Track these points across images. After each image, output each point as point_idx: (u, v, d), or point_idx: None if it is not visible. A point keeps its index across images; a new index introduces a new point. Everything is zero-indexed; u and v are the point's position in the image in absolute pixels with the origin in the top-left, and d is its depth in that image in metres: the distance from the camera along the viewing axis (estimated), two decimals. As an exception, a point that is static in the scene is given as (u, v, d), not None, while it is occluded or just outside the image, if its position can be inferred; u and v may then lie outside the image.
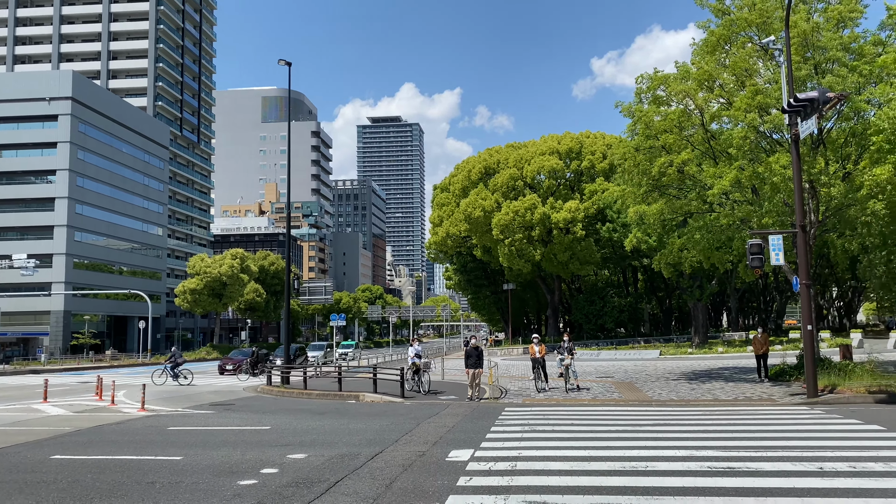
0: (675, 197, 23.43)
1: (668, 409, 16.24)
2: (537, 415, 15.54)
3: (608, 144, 57.27)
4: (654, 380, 24.47)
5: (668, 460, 9.59)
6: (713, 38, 21.50)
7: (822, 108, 16.12)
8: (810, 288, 17.84)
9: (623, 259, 57.22)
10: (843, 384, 17.57)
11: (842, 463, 9.04)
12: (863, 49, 19.62)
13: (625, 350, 47.36)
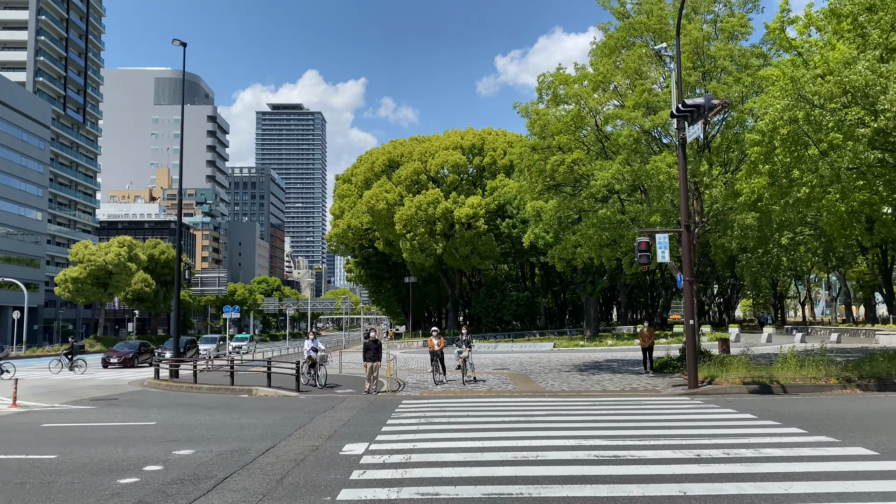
0: (570, 195, 24.16)
1: (559, 400, 16.74)
2: (434, 407, 15.64)
3: (509, 142, 58.37)
4: (547, 371, 25.17)
5: (558, 449, 9.87)
6: (612, 41, 22.29)
7: (708, 114, 17.02)
8: (693, 285, 18.84)
9: (522, 254, 58.50)
10: (721, 376, 18.67)
11: (717, 450, 9.60)
12: (748, 61, 20.89)
13: (521, 342, 48.49)
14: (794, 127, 16.41)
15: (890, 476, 7.89)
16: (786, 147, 17.25)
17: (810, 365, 18.56)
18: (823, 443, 10.05)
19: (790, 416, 12.73)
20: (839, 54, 15.49)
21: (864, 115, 15.41)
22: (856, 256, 52.03)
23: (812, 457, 9.07)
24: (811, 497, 7.06)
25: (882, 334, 38.30)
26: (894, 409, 13.53)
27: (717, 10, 22.23)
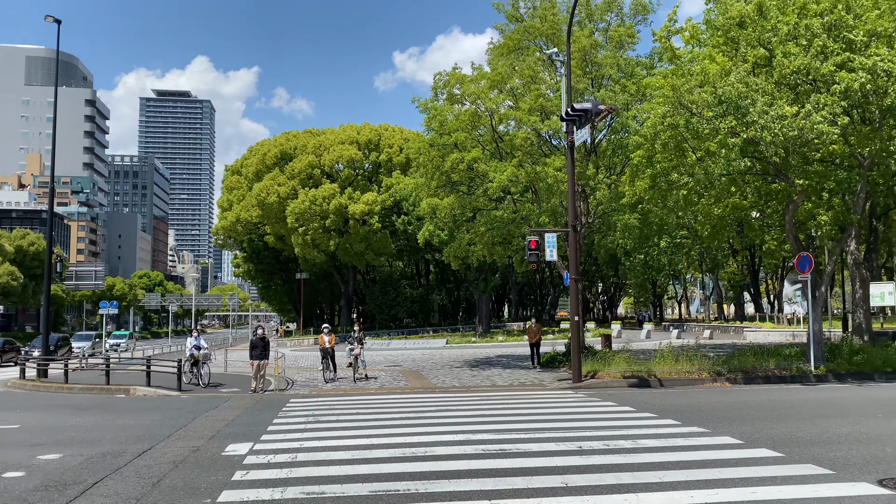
0: (466, 193, 24.45)
1: (450, 396, 16.88)
2: (323, 405, 15.38)
3: (406, 138, 58.35)
4: (439, 368, 25.36)
5: (446, 444, 9.93)
6: (507, 43, 22.72)
7: (595, 119, 17.67)
8: (578, 283, 19.52)
9: (417, 251, 58.70)
10: (603, 370, 19.44)
11: (598, 442, 9.95)
12: (633, 70, 21.87)
13: (414, 339, 48.67)
14: (674, 133, 17.30)
15: (752, 463, 8.44)
16: (666, 152, 18.18)
17: (685, 360, 19.64)
18: (695, 433, 10.63)
19: (666, 409, 13.41)
20: (716, 66, 16.47)
21: (737, 124, 16.46)
22: (727, 258, 55.74)
23: (685, 446, 9.57)
24: (682, 485, 7.43)
25: (749, 331, 41.15)
26: (758, 401, 14.53)
27: (610, 18, 23.13)
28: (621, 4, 22.78)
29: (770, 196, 21.18)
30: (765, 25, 16.94)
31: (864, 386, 17.18)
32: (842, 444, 9.44)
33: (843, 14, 16.03)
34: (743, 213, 23.08)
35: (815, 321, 19.58)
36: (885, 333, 31.55)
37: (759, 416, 12.24)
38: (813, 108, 15.51)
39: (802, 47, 16.18)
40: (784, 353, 21.28)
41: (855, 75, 15.33)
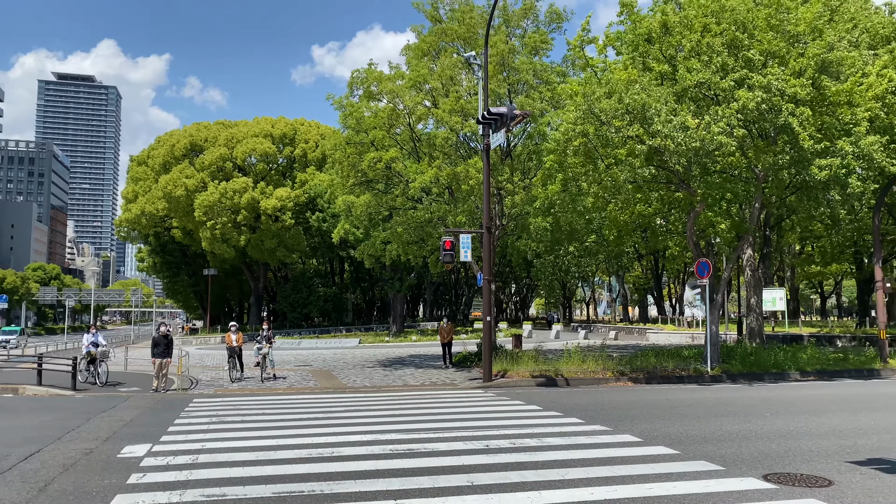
0: (383, 192, 24.35)
1: (360, 396, 16.76)
2: (228, 405, 14.95)
3: (322, 134, 57.56)
4: (351, 367, 25.14)
5: (354, 445, 9.85)
6: (425, 44, 22.78)
7: (510, 124, 17.96)
8: (492, 283, 19.78)
9: (331, 249, 58.00)
10: (513, 369, 19.78)
11: (504, 440, 10.11)
12: (548, 77, 22.37)
13: (326, 339, 48.05)
14: (585, 140, 17.80)
15: (650, 460, 8.78)
16: (577, 158, 18.69)
17: (591, 360, 20.25)
18: (598, 431, 10.97)
19: (571, 407, 13.77)
20: (624, 76, 17.07)
21: (643, 134, 17.11)
22: (633, 262, 57.90)
23: (587, 444, 9.85)
24: (584, 482, 7.64)
25: (652, 332, 42.86)
26: (658, 400, 15.14)
27: (526, 25, 23.56)
28: (537, 12, 23.29)
29: (673, 204, 22.11)
30: (670, 41, 17.70)
31: (754, 386, 18.19)
32: (732, 442, 9.96)
33: (739, 35, 16.94)
34: (648, 220, 24.02)
35: (713, 324, 20.59)
36: (776, 337, 33.55)
37: (658, 414, 12.75)
38: (712, 119, 16.33)
39: (704, 63, 17.01)
40: (683, 355, 22.27)
41: (752, 93, 16.24)
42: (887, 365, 21.40)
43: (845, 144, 17.52)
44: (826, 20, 18.11)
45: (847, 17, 19.29)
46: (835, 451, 9.25)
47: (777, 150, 18.13)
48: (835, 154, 17.61)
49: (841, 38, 18.11)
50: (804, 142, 17.00)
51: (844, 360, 21.90)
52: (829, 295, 71.01)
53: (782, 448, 9.48)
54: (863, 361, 21.76)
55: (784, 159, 17.83)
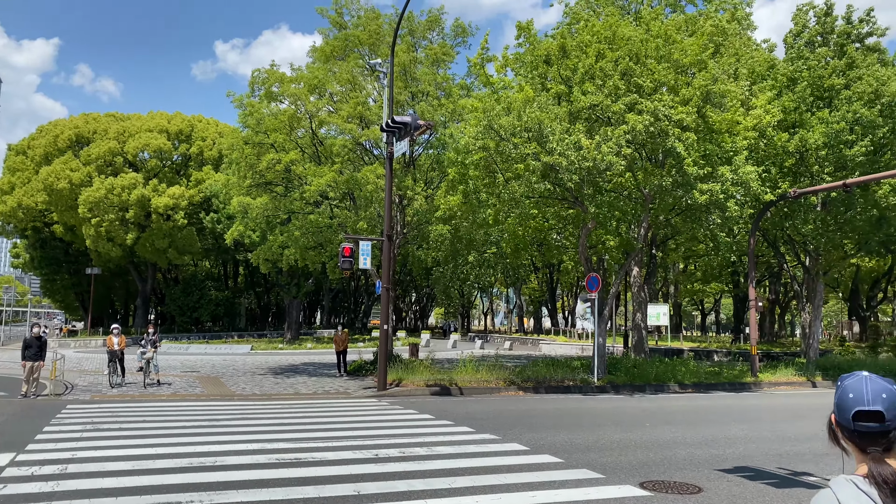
0: (282, 195, 23.84)
1: (249, 404, 16.28)
2: (106, 412, 14.15)
3: (221, 133, 55.68)
4: (241, 374, 24.38)
5: (239, 454, 9.55)
6: (328, 48, 22.56)
7: (414, 133, 18.05)
8: (390, 292, 19.75)
9: (225, 251, 56.10)
10: (408, 378, 19.79)
11: (394, 449, 10.09)
12: (451, 89, 22.65)
13: (217, 344, 46.38)
14: (486, 154, 18.14)
15: (535, 468, 9.00)
16: (478, 171, 19.02)
17: (484, 369, 20.56)
18: (487, 440, 11.14)
19: (462, 416, 13.92)
20: (523, 95, 17.55)
21: (539, 151, 17.63)
22: (529, 274, 59.38)
23: (476, 453, 9.98)
24: (470, 490, 7.73)
25: (545, 343, 44.04)
26: (546, 409, 15.56)
27: (431, 37, 23.78)
28: (443, 24, 23.56)
29: (567, 220, 22.88)
30: (568, 64, 18.38)
31: (636, 397, 19.03)
32: (613, 450, 10.36)
33: (631, 64, 17.83)
34: (544, 234, 24.72)
35: (600, 336, 21.39)
36: (660, 350, 35.25)
37: (546, 423, 13.10)
38: (602, 139, 17.07)
39: (598, 86, 17.77)
40: (572, 365, 23.00)
41: (641, 117, 17.09)
42: (757, 379, 22.93)
43: (726, 171, 18.71)
44: (711, 53, 19.32)
45: (731, 52, 20.65)
46: (706, 460, 9.80)
47: (664, 174, 19.11)
48: (716, 180, 18.77)
49: (725, 72, 19.37)
50: (689, 167, 18.02)
51: (719, 373, 23.29)
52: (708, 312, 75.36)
53: (659, 456, 9.95)
54: (735, 375, 23.21)
55: (670, 182, 18.82)
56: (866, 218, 24.07)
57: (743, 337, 46.92)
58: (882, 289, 52.75)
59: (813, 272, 26.95)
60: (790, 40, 25.77)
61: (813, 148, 22.95)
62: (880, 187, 23.10)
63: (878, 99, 22.62)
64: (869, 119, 22.39)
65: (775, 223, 26.41)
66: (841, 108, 22.97)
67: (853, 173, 22.63)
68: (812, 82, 23.72)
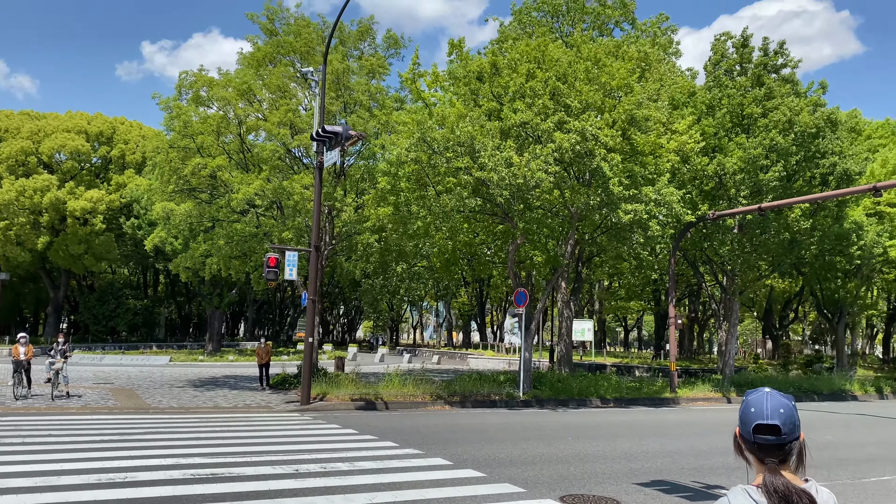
0: (207, 202, 23.20)
1: (165, 417, 15.65)
2: (8, 426, 13.33)
3: (144, 136, 53.86)
4: (157, 387, 23.46)
5: (151, 469, 9.14)
6: (259, 55, 22.18)
7: (345, 143, 17.88)
8: (316, 303, 19.43)
9: (146, 258, 54.15)
10: (332, 392, 19.46)
11: (315, 464, 9.87)
12: (384, 101, 22.60)
13: (133, 355, 44.55)
14: (418, 167, 18.15)
15: (458, 483, 8.96)
16: (410, 183, 19.00)
17: (411, 384, 20.44)
18: (411, 455, 11.04)
19: (387, 431, 13.77)
20: (455, 110, 17.69)
21: (471, 166, 17.77)
22: (459, 288, 59.66)
23: (399, 468, 9.87)
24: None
25: (473, 358, 44.24)
26: (471, 424, 15.57)
27: (363, 47, 23.70)
28: (374, 35, 23.56)
29: (497, 235, 23.12)
30: (499, 81, 18.66)
31: (559, 411, 19.29)
32: (535, 465, 10.44)
33: (560, 85, 18.27)
34: (474, 249, 24.89)
35: (527, 351, 21.63)
36: (584, 365, 35.94)
37: (470, 438, 13.10)
38: (531, 157, 17.37)
39: (527, 105, 18.10)
40: (499, 380, 23.15)
41: (568, 136, 17.49)
42: (676, 394, 23.63)
43: (649, 192, 19.31)
44: (637, 77, 19.97)
45: (656, 77, 21.39)
46: (624, 474, 9.98)
47: (590, 192, 19.56)
48: (640, 200, 19.34)
49: (649, 97, 20.04)
50: (614, 187, 18.51)
51: (640, 389, 23.89)
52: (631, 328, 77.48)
53: (579, 470, 10.08)
54: (655, 391, 23.86)
55: (596, 201, 19.27)
56: (779, 240, 25.26)
57: (663, 353, 48.39)
58: (793, 309, 55.45)
59: (729, 292, 28.07)
60: (710, 68, 26.93)
61: (731, 172, 23.96)
62: (792, 211, 24.32)
63: (792, 128, 23.85)
64: (784, 146, 23.56)
65: (695, 244, 27.40)
66: (758, 134, 24.11)
67: (768, 198, 23.75)
68: (731, 109, 24.82)
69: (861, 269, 32.91)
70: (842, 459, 11.91)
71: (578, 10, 28.66)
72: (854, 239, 26.06)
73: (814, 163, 24.48)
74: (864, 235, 26.34)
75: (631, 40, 27.40)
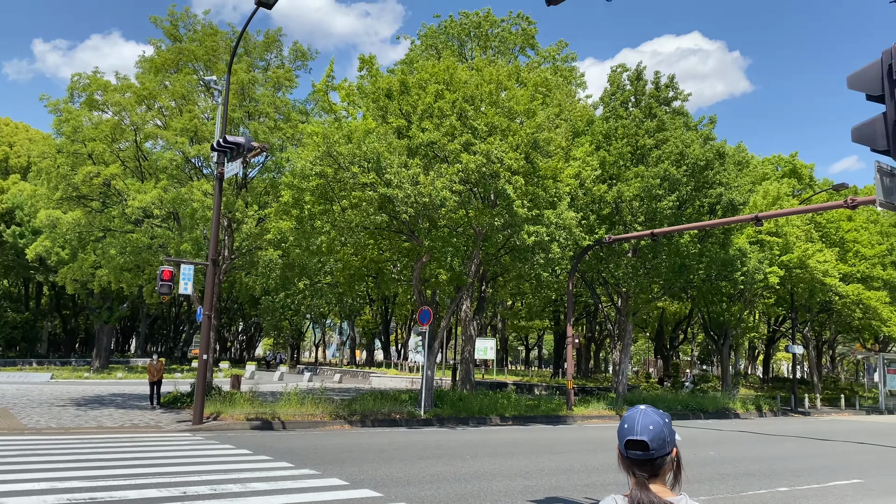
0: (98, 210, 22.03)
1: (42, 438, 14.63)
2: None
3: (32, 139, 50.73)
4: (36, 405, 21.92)
5: (23, 494, 8.50)
6: (161, 60, 21.40)
7: (248, 155, 17.46)
8: (212, 319, 18.77)
9: (28, 269, 50.70)
10: (227, 411, 18.78)
11: (205, 486, 9.47)
12: (290, 113, 22.25)
13: (10, 372, 41.47)
14: (323, 181, 17.95)
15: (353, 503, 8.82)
16: (315, 197, 18.74)
17: (310, 403, 20.02)
18: (306, 475, 10.78)
19: (283, 451, 13.40)
20: (364, 125, 17.66)
21: (378, 181, 17.74)
22: (364, 306, 59.17)
23: (293, 489, 9.62)
24: (283, 528, 7.41)
25: (375, 376, 43.85)
26: (370, 443, 15.40)
27: (270, 58, 23.30)
28: (281, 46, 23.22)
29: (403, 253, 23.13)
30: (408, 100, 18.80)
31: (459, 430, 19.39)
32: (433, 483, 10.42)
33: (466, 106, 18.62)
34: (380, 266, 24.79)
35: (429, 369, 21.65)
36: (486, 383, 36.35)
37: (369, 457, 12.95)
38: (436, 175, 17.56)
39: (435, 125, 18.32)
40: (401, 399, 23.04)
41: (474, 157, 17.79)
42: (572, 412, 24.26)
43: (550, 215, 19.87)
44: (539, 103, 20.58)
45: (555, 103, 22.13)
46: (520, 491, 10.12)
47: (495, 213, 19.93)
48: (542, 223, 19.87)
49: (551, 122, 20.70)
50: (518, 208, 18.93)
51: (538, 406, 24.38)
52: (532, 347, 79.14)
53: (476, 489, 10.14)
54: (553, 408, 24.41)
55: (500, 222, 19.65)
56: (670, 265, 26.53)
57: (562, 372, 49.61)
58: (683, 330, 58.22)
59: (624, 313, 29.18)
60: (607, 99, 28.14)
61: (628, 199, 25.04)
62: (682, 238, 25.62)
63: (684, 159, 25.20)
64: (676, 177, 24.84)
65: (592, 266, 28.37)
66: (653, 164, 25.32)
67: (661, 224, 24.94)
68: (628, 139, 25.99)
69: (744, 294, 35.01)
70: (724, 474, 12.54)
71: (483, 36, 29.35)
72: (738, 265, 27.67)
73: (703, 192, 25.92)
74: (748, 262, 28.02)
75: (534, 65, 28.28)
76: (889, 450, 18.13)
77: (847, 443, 19.73)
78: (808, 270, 31.65)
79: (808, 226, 34.47)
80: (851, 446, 18.89)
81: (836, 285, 33.05)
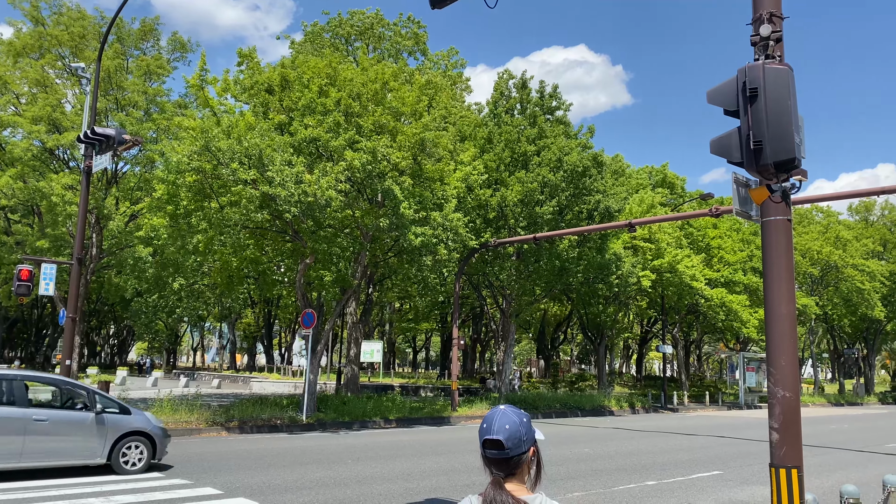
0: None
1: None
2: None
3: None
4: None
5: None
6: (20, 44, 19.80)
7: (118, 148, 16.43)
8: (77, 322, 17.53)
9: None
10: (92, 420, 17.55)
11: (63, 501, 8.77)
12: (165, 105, 21.17)
13: None
14: (200, 177, 17.18)
15: (226, 513, 8.45)
16: (191, 193, 17.91)
17: (184, 409, 19.09)
18: (178, 485, 10.24)
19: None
20: (244, 120, 17.07)
21: (259, 179, 17.19)
22: (245, 309, 57.28)
23: (163, 500, 9.10)
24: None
25: (256, 381, 42.53)
26: (248, 450, 14.86)
27: (145, 48, 22.09)
28: (158, 35, 22.09)
29: (286, 253, 22.53)
30: (290, 95, 18.35)
31: (342, 434, 19.11)
32: (312, 489, 10.17)
33: (352, 103, 18.43)
34: (262, 267, 24.00)
35: (312, 373, 21.20)
36: (371, 386, 36.07)
37: (246, 465, 12.48)
38: (321, 174, 17.25)
39: (318, 121, 17.99)
40: (282, 404, 22.43)
41: (359, 154, 17.62)
42: (456, 412, 24.50)
43: (437, 217, 19.98)
44: (425, 105, 20.68)
45: (441, 106, 22.32)
46: (401, 493, 10.06)
47: (381, 214, 19.81)
48: (429, 224, 19.94)
49: (438, 125, 20.84)
50: (405, 209, 18.90)
51: (423, 408, 24.45)
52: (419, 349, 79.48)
53: (357, 493, 9.99)
54: (437, 410, 24.56)
55: (387, 223, 19.55)
56: (551, 268, 27.38)
57: (448, 373, 50.11)
58: (563, 331, 60.34)
59: (508, 314, 29.83)
60: (492, 105, 28.74)
61: (511, 204, 25.62)
62: (562, 242, 26.51)
63: (562, 165, 26.09)
64: (554, 182, 25.68)
65: (478, 269, 28.83)
66: (533, 170, 26.07)
67: (542, 229, 25.69)
68: (508, 145, 26.64)
69: (619, 296, 36.72)
70: (597, 470, 13.03)
71: (375, 37, 29.21)
72: (614, 269, 28.99)
73: (581, 199, 26.94)
74: (622, 266, 29.41)
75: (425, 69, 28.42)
76: (746, 442, 19.51)
77: (710, 437, 21.06)
78: (677, 275, 33.61)
79: (678, 233, 36.64)
80: (713, 440, 20.18)
81: (702, 289, 35.27)
